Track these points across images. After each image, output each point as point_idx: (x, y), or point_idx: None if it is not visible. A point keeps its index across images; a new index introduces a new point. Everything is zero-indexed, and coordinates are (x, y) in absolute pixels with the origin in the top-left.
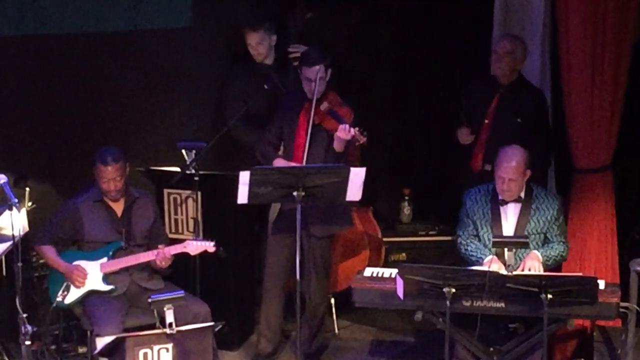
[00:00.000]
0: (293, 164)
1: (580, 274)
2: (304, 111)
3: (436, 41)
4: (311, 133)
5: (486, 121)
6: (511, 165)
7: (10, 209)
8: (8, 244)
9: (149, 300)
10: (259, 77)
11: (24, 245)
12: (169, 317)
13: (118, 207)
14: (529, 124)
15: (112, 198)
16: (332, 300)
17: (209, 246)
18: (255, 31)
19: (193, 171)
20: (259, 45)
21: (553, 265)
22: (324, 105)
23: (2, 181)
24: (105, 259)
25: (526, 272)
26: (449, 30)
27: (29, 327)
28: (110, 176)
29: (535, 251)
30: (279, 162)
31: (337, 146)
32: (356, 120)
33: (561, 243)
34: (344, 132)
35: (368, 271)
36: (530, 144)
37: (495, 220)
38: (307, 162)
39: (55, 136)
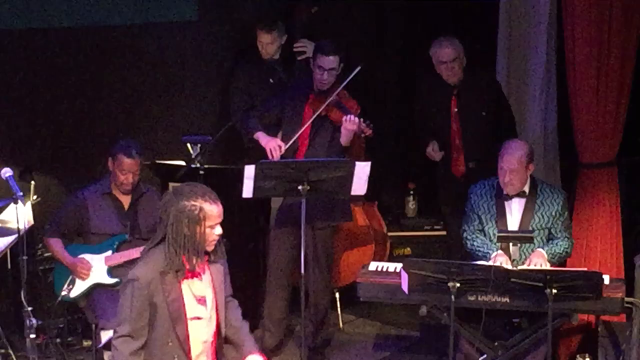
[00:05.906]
0: (273, 139)
1: (585, 268)
2: (309, 102)
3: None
4: (315, 124)
5: (453, 126)
6: (513, 156)
7: (16, 202)
8: (13, 237)
9: None
10: (264, 72)
11: (29, 239)
12: None
13: (125, 200)
14: (493, 114)
15: (124, 191)
16: (337, 295)
17: None
18: (269, 32)
19: (198, 165)
20: (270, 45)
21: (558, 262)
22: (333, 97)
23: (7, 174)
24: (109, 252)
25: (531, 267)
26: (457, 25)
27: (34, 321)
28: (132, 169)
29: (540, 249)
30: (260, 136)
31: (344, 140)
32: (362, 114)
33: (565, 239)
34: (351, 123)
35: (373, 265)
36: (499, 131)
37: (500, 215)
38: (308, 153)
39: (61, 129)
